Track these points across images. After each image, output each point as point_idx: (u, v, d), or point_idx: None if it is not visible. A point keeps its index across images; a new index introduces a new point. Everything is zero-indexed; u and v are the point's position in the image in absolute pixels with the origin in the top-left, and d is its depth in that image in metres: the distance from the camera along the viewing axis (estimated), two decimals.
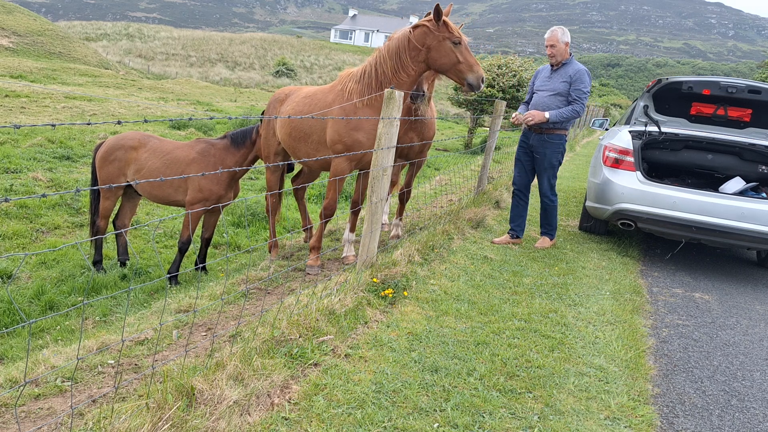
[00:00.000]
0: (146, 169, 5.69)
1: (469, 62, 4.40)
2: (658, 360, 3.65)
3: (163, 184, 5.65)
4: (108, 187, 5.59)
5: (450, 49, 4.37)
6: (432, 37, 4.37)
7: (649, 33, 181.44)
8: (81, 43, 40.98)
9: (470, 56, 4.44)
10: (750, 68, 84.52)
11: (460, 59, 4.37)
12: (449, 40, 4.36)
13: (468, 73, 4.39)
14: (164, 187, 5.67)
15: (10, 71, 25.04)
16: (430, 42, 4.38)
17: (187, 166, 5.50)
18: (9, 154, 10.29)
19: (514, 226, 6.07)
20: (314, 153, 4.95)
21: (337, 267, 5.05)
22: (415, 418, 2.61)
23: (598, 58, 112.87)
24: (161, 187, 5.70)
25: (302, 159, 5.18)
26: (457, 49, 4.37)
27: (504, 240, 6.03)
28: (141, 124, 15.29)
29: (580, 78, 5.47)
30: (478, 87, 4.44)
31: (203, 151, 5.57)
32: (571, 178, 11.87)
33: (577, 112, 5.48)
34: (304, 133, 4.94)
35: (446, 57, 4.38)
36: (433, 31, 4.37)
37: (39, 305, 5.68)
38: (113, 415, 2.28)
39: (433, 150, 19.33)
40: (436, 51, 4.39)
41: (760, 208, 5.46)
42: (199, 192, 5.48)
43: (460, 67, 4.39)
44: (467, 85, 4.44)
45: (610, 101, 52.06)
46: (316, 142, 4.88)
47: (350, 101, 4.66)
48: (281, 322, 3.19)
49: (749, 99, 6.14)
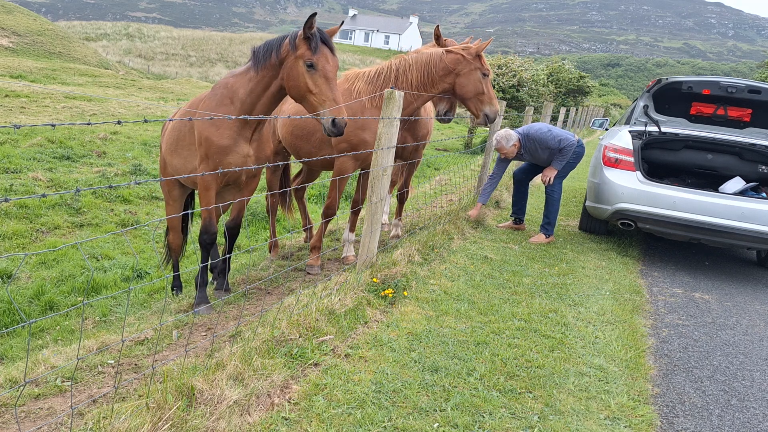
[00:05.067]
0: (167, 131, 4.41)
1: (491, 95, 4.72)
2: (658, 360, 3.65)
3: (176, 147, 4.22)
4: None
5: (478, 80, 4.67)
6: (465, 64, 4.65)
7: (649, 33, 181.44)
8: (81, 43, 40.98)
9: (492, 90, 4.78)
10: (750, 68, 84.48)
11: (484, 90, 4.69)
12: (480, 71, 4.67)
13: (487, 105, 4.73)
14: (179, 150, 4.19)
15: (10, 71, 25.04)
16: (461, 68, 4.66)
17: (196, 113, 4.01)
18: (9, 154, 10.29)
19: (516, 210, 6.57)
20: (316, 152, 4.95)
21: (337, 267, 5.05)
22: (415, 418, 2.61)
23: (598, 58, 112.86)
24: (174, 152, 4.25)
25: (303, 158, 5.17)
26: (484, 81, 4.69)
27: (507, 225, 6.52)
28: (141, 124, 15.29)
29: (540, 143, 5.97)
30: (492, 120, 4.81)
31: (217, 84, 3.99)
32: (571, 178, 11.85)
33: (569, 147, 5.93)
34: (306, 131, 4.93)
35: (473, 85, 4.69)
36: (468, 59, 4.65)
37: (39, 305, 5.69)
38: (113, 415, 2.28)
39: (433, 150, 19.32)
40: (465, 78, 4.67)
41: (760, 208, 5.46)
42: (198, 144, 3.87)
43: (483, 98, 4.71)
44: (483, 116, 4.77)
45: (610, 101, 52.04)
46: (319, 141, 4.89)
47: (357, 100, 4.67)
48: (281, 322, 3.19)
49: (749, 99, 6.14)
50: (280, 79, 3.61)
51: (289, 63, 3.53)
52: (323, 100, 3.45)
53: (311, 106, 3.52)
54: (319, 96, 3.45)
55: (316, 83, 3.45)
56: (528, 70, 21.38)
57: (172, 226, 4.87)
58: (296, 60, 3.49)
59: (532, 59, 25.68)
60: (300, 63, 3.47)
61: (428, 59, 4.68)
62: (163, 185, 4.81)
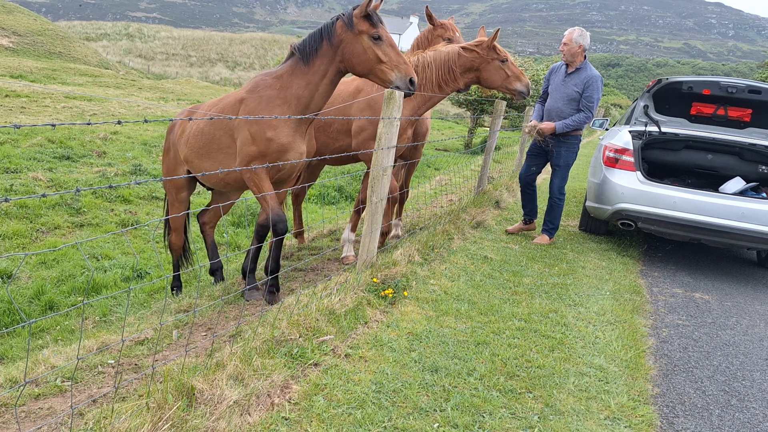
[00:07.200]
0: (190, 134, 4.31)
1: (516, 74, 4.98)
2: (658, 360, 3.65)
3: (207, 150, 4.14)
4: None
5: (499, 68, 4.96)
6: (482, 59, 4.92)
7: (649, 33, 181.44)
8: (81, 43, 40.98)
9: (515, 68, 5.02)
10: (750, 68, 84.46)
11: (508, 74, 4.97)
12: (497, 60, 4.94)
13: (516, 83, 4.99)
14: (212, 153, 4.10)
15: (10, 71, 25.04)
16: (480, 64, 4.94)
17: (233, 112, 3.94)
18: (9, 154, 10.29)
19: (527, 211, 6.45)
20: (332, 143, 4.97)
21: (337, 267, 5.04)
22: (415, 418, 2.61)
23: (598, 58, 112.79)
24: (204, 156, 4.17)
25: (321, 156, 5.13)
26: (504, 66, 4.96)
27: (517, 227, 6.41)
28: (141, 124, 15.29)
29: (592, 85, 5.67)
30: (527, 93, 5.06)
31: (255, 84, 3.95)
32: (571, 178, 11.82)
33: (583, 121, 5.73)
34: (323, 122, 4.90)
35: (497, 75, 4.98)
36: (483, 55, 4.90)
37: (39, 305, 5.69)
38: (113, 415, 2.28)
39: (433, 150, 19.31)
40: (486, 72, 4.96)
41: (760, 208, 5.46)
42: (251, 144, 3.81)
43: (509, 79, 4.99)
44: (518, 93, 5.03)
45: (610, 101, 51.96)
46: (336, 131, 4.92)
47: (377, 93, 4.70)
48: (281, 322, 3.19)
49: (749, 99, 6.14)
50: (339, 62, 3.77)
51: (349, 42, 3.71)
52: (396, 65, 3.70)
53: (382, 74, 3.71)
54: (390, 62, 3.70)
55: (385, 52, 3.70)
56: (528, 70, 21.36)
57: (175, 228, 4.86)
58: (357, 37, 3.69)
59: (532, 59, 25.67)
60: (364, 38, 3.68)
61: (447, 57, 4.87)
62: (171, 187, 4.74)
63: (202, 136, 4.17)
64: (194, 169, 4.32)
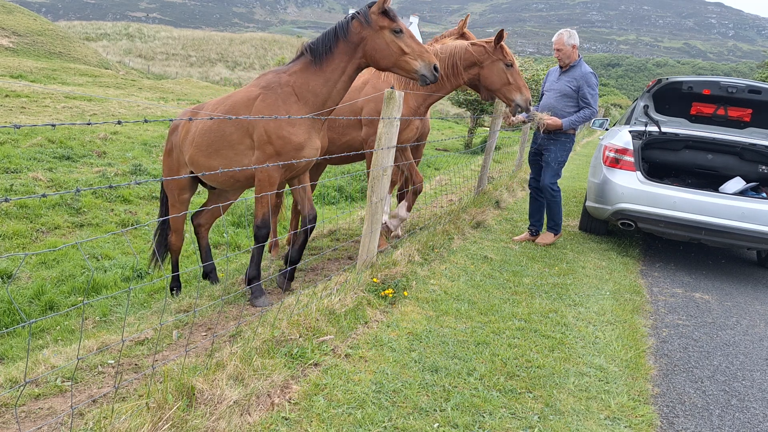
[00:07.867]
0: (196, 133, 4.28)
1: (519, 85, 4.85)
2: (658, 360, 3.65)
3: (216, 148, 4.10)
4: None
5: (502, 70, 4.83)
6: (487, 56, 4.82)
7: (649, 33, 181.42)
8: (81, 43, 40.98)
9: (520, 79, 4.87)
10: (750, 68, 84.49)
11: (510, 80, 4.84)
12: (502, 62, 4.82)
13: (516, 94, 4.86)
14: (221, 151, 4.08)
15: (10, 71, 25.05)
16: (484, 60, 4.84)
17: (246, 111, 3.91)
18: (9, 154, 10.29)
19: (534, 221, 6.31)
20: (340, 138, 4.99)
21: (337, 267, 5.05)
22: (415, 418, 2.61)
23: (598, 58, 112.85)
24: (213, 154, 4.13)
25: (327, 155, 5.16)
26: (508, 71, 4.83)
27: (524, 237, 6.27)
28: (141, 125, 15.29)
29: (585, 81, 5.62)
30: (525, 109, 4.94)
31: (269, 83, 3.93)
32: (571, 178, 11.86)
33: (588, 116, 5.69)
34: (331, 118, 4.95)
35: (497, 76, 4.84)
36: (489, 52, 4.81)
37: (39, 305, 5.69)
38: (113, 415, 2.28)
39: (433, 150, 19.32)
40: (488, 69, 4.84)
41: (760, 208, 5.46)
42: (267, 143, 3.83)
43: (510, 87, 4.85)
44: (515, 105, 4.89)
45: (610, 101, 51.98)
46: (343, 126, 4.94)
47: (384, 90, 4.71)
48: (281, 322, 3.19)
49: (749, 99, 6.14)
50: (360, 58, 3.84)
51: (371, 39, 3.77)
52: (419, 54, 3.76)
53: (407, 65, 3.77)
54: (414, 53, 3.76)
55: (407, 44, 3.77)
56: (528, 70, 21.33)
57: (176, 228, 4.86)
58: (379, 33, 3.76)
59: (532, 59, 25.65)
60: (386, 33, 3.75)
61: (453, 51, 4.85)
62: (174, 188, 4.70)
63: (211, 133, 4.15)
64: (201, 169, 4.30)
